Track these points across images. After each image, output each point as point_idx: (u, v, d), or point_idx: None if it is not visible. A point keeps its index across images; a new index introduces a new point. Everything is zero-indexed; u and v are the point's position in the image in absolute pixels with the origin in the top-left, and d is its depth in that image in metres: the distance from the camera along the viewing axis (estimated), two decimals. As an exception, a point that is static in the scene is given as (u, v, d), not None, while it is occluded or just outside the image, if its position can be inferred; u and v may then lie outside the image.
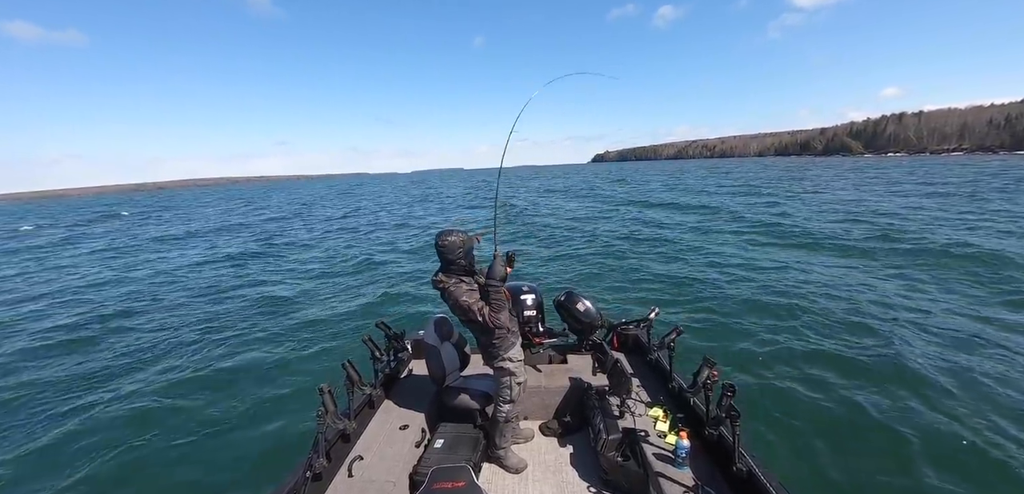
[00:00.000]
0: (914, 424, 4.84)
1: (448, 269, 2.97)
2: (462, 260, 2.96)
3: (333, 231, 25.35)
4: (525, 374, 3.24)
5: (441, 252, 2.95)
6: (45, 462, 5.17)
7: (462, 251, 2.93)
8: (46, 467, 5.08)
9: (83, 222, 42.61)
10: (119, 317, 10.47)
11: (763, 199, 29.10)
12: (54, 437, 5.60)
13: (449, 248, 2.92)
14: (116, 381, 7.11)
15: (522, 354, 3.20)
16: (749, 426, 4.72)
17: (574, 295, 3.29)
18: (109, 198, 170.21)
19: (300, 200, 59.36)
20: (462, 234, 2.96)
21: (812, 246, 14.33)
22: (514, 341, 3.10)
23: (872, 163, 73.83)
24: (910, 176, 44.77)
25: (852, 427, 4.92)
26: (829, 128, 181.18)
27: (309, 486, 2.60)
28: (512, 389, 3.14)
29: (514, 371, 3.11)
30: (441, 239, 2.95)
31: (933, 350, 6.46)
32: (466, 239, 2.96)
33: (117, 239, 26.96)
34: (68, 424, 5.87)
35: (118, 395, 6.59)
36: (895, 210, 21.06)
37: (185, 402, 6.29)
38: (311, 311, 10.19)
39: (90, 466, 5.02)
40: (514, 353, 3.10)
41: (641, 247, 15.83)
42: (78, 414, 6.10)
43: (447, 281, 2.93)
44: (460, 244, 2.94)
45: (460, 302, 2.87)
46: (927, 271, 10.73)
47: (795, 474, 4.24)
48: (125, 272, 16.22)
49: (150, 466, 5.00)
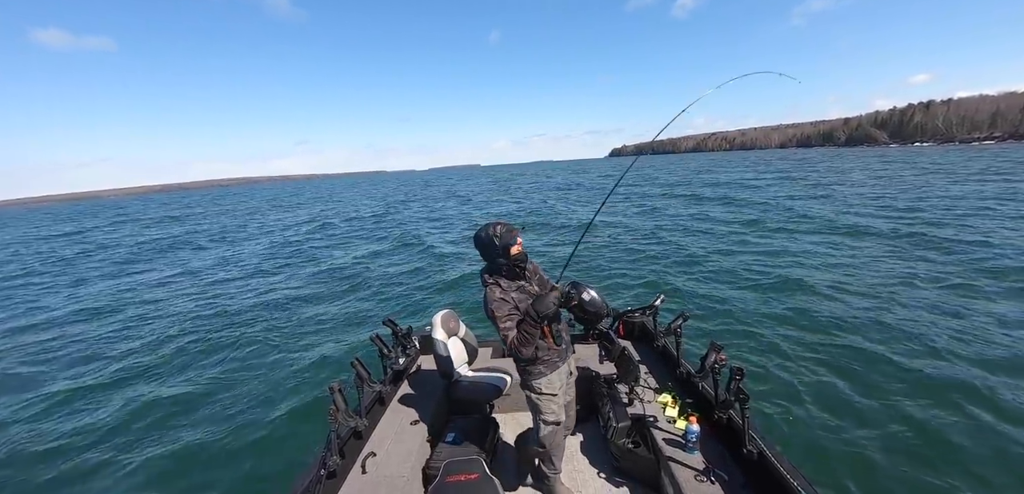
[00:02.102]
0: (929, 407, 4.83)
1: (489, 267, 2.66)
2: (500, 258, 2.57)
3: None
4: (561, 414, 2.73)
5: (478, 248, 2.66)
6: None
7: (495, 248, 2.56)
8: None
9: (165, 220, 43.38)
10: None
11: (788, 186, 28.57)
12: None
13: (481, 245, 2.62)
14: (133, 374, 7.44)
15: (555, 388, 2.68)
16: (759, 409, 4.74)
17: (579, 285, 3.30)
18: (139, 200, 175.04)
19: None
20: (500, 228, 2.58)
21: (847, 232, 14.20)
22: (544, 371, 2.64)
23: (898, 154, 71.90)
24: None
25: (864, 410, 4.91)
26: (853, 118, 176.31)
27: (324, 484, 2.62)
28: (539, 428, 2.72)
29: (537, 404, 2.68)
30: (476, 235, 2.66)
31: (954, 342, 6.32)
32: (502, 235, 2.55)
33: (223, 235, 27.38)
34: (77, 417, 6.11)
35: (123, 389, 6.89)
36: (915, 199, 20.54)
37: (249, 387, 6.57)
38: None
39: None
40: (540, 384, 2.65)
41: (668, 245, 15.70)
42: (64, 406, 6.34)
43: (487, 281, 2.61)
44: (486, 240, 2.58)
45: (487, 308, 2.55)
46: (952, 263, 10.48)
47: (806, 455, 4.26)
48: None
49: (151, 466, 5.10)
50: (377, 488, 2.78)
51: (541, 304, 2.42)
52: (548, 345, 2.63)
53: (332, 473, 2.73)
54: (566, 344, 2.77)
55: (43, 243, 30.54)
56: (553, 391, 2.68)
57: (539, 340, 2.53)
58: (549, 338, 2.61)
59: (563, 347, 2.73)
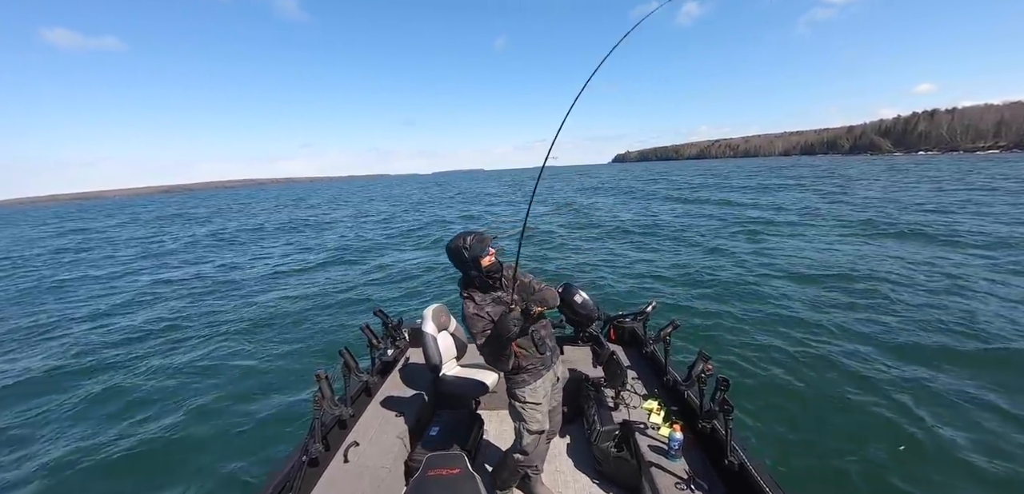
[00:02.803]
0: (906, 421, 4.79)
1: (465, 278, 2.58)
2: (471, 271, 2.51)
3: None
4: (544, 422, 2.64)
5: (450, 259, 2.58)
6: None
7: (465, 261, 2.49)
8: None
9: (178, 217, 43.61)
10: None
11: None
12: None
13: (451, 256, 2.55)
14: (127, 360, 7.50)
15: (539, 396, 2.59)
16: (742, 419, 4.71)
17: (571, 287, 3.27)
18: (142, 200, 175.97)
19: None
20: (469, 238, 2.50)
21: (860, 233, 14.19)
22: (527, 380, 2.55)
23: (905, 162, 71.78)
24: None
25: (844, 423, 4.90)
26: (857, 126, 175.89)
27: (305, 471, 2.61)
28: (522, 437, 2.61)
29: (521, 413, 2.58)
30: (449, 245, 2.58)
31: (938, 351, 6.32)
32: (462, 245, 2.49)
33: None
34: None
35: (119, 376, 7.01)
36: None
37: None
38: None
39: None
40: (524, 393, 2.56)
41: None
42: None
43: (462, 292, 2.56)
44: (456, 251, 2.51)
45: (465, 321, 2.50)
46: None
47: (786, 467, 4.25)
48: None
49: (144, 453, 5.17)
50: (359, 478, 2.75)
51: (501, 326, 2.30)
52: (531, 353, 2.56)
53: (314, 461, 2.71)
54: (551, 350, 2.67)
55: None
56: (537, 399, 2.59)
57: (518, 350, 2.49)
58: (533, 346, 2.55)
59: (547, 354, 2.63)
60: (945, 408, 4.96)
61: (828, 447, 4.49)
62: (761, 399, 5.36)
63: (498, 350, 2.39)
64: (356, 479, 2.74)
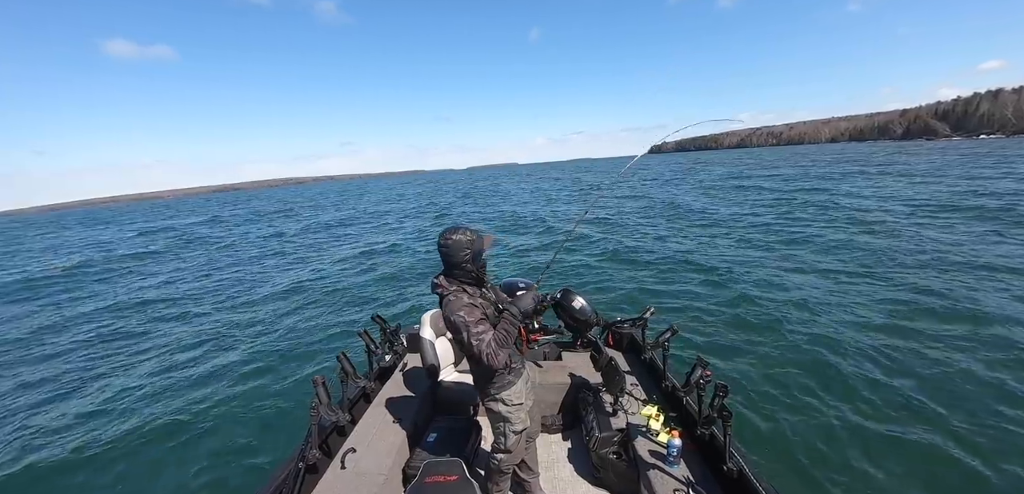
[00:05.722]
0: (908, 430, 4.62)
1: (451, 273, 2.49)
2: (469, 264, 2.46)
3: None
4: (527, 421, 2.67)
5: (444, 252, 2.46)
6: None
7: (469, 253, 2.44)
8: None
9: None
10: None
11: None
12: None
13: (454, 248, 2.43)
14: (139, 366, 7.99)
15: (523, 396, 2.62)
16: (741, 426, 4.60)
17: (570, 293, 3.26)
18: (198, 199, 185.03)
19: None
20: (471, 233, 2.48)
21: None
22: (512, 380, 2.56)
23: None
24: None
25: (844, 431, 4.74)
26: (911, 109, 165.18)
27: (302, 478, 2.61)
28: (507, 437, 2.62)
29: (508, 417, 2.58)
30: (445, 237, 2.46)
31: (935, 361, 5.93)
32: (474, 239, 2.47)
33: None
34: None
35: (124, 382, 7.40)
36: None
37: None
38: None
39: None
40: (510, 395, 2.56)
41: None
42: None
43: (448, 288, 2.46)
44: (466, 244, 2.44)
45: (453, 318, 2.37)
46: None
47: (785, 475, 4.17)
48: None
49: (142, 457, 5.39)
50: (356, 484, 2.74)
51: (522, 301, 2.39)
52: (518, 351, 2.60)
53: (311, 467, 2.72)
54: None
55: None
56: (521, 400, 2.61)
57: (519, 346, 2.52)
58: (524, 339, 2.58)
59: (522, 353, 2.73)
60: (968, 422, 4.65)
61: (829, 455, 4.37)
62: (761, 405, 5.22)
63: (511, 329, 2.36)
64: (353, 485, 2.74)
